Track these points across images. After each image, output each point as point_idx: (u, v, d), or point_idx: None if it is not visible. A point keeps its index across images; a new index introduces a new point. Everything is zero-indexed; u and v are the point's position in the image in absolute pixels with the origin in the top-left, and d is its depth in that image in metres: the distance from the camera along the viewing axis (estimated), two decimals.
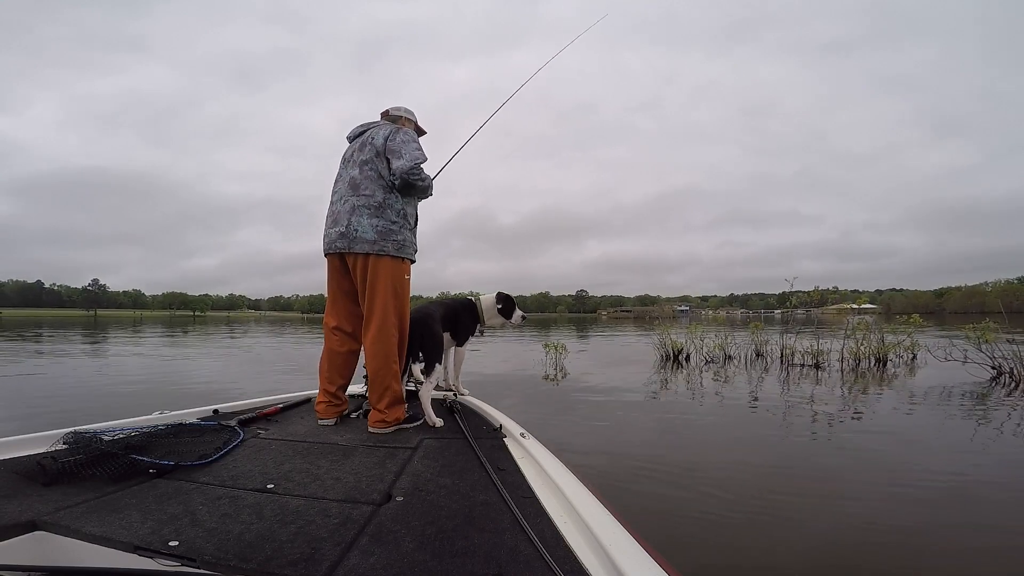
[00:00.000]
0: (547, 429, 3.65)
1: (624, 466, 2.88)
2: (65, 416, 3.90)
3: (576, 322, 50.00)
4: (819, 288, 8.93)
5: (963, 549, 1.92)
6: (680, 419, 4.14)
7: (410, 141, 2.16)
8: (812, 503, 2.35)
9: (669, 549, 1.80)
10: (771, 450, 3.28)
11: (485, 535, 1.09)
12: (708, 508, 2.27)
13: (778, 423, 3.97)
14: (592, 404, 4.84)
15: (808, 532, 2.06)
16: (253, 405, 2.32)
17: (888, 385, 5.95)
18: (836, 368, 7.23)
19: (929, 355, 7.18)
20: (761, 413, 4.36)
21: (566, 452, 2.66)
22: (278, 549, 1.00)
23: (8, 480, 1.32)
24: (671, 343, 8.72)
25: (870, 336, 7.83)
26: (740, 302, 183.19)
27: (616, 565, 0.91)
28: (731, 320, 11.97)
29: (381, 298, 2.05)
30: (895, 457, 3.07)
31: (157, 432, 1.68)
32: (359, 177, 2.13)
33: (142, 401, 4.84)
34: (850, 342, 7.68)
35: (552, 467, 1.45)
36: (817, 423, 3.94)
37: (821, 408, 4.46)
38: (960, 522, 2.14)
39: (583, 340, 15.00)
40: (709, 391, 5.50)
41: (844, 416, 4.18)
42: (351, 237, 2.06)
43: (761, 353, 8.58)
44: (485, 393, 2.74)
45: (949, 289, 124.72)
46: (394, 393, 2.01)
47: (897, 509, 2.27)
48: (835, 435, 3.62)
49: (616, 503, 1.24)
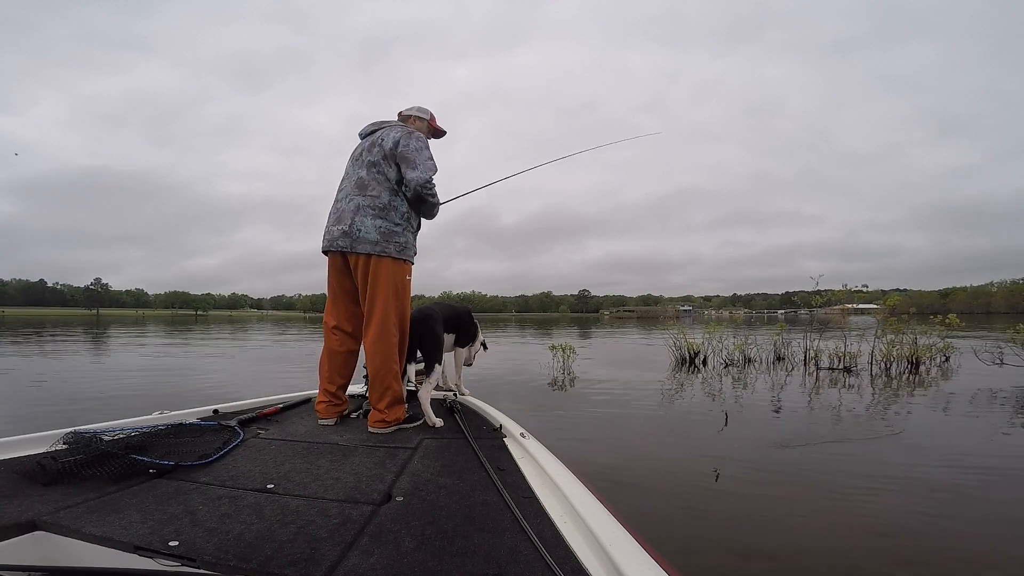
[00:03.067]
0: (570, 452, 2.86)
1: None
2: (65, 416, 3.91)
3: (579, 322, 49.81)
4: (847, 286, 8.27)
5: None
6: (734, 456, 3.12)
7: (423, 149, 2.15)
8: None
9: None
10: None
11: (485, 535, 1.09)
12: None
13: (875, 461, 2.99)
14: (610, 417, 4.24)
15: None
16: (253, 405, 2.32)
17: (941, 391, 5.39)
18: (870, 373, 6.76)
19: (963, 359, 6.85)
20: (847, 446, 3.31)
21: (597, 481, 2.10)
22: (278, 549, 1.00)
23: (8, 480, 1.32)
24: (687, 345, 8.20)
25: (902, 338, 7.34)
26: (743, 302, 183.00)
27: (616, 565, 0.91)
28: (734, 320, 11.50)
29: (382, 299, 2.05)
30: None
31: (157, 432, 1.68)
32: (366, 178, 2.14)
33: (142, 401, 4.85)
34: (880, 344, 7.26)
35: (552, 467, 1.45)
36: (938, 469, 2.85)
37: (913, 441, 3.43)
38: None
39: (588, 341, 14.80)
40: (758, 413, 4.41)
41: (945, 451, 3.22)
42: (354, 236, 2.06)
43: (782, 356, 8.12)
44: (485, 400, 2.71)
45: (954, 289, 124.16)
46: (394, 393, 2.01)
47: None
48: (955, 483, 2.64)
49: (616, 503, 1.23)
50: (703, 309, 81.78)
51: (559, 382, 6.23)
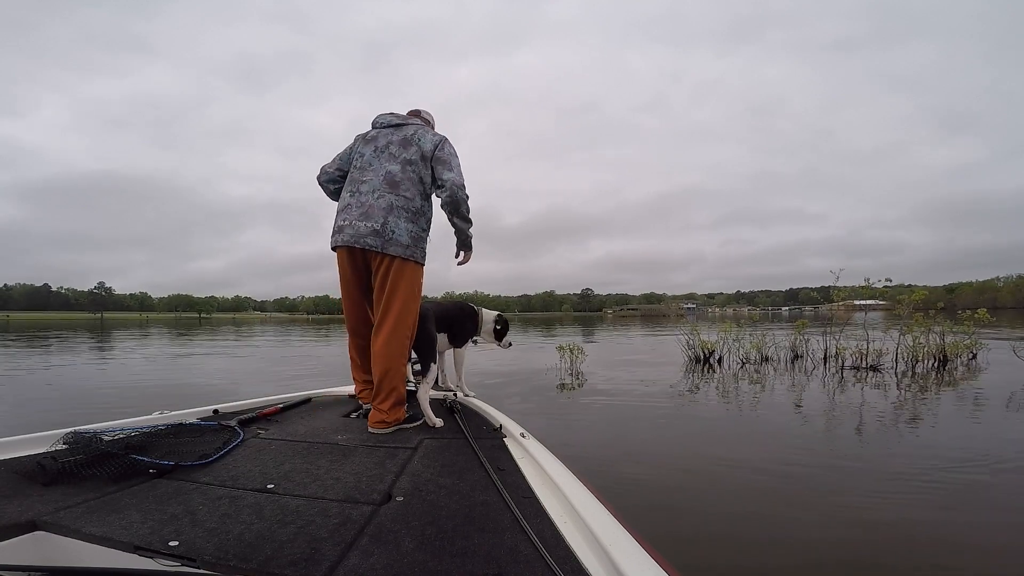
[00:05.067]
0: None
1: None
2: (69, 417, 3.93)
3: (582, 321, 49.51)
4: (868, 280, 7.81)
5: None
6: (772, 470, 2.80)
7: (456, 156, 2.17)
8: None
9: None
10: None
11: (485, 535, 1.08)
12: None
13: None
14: (629, 425, 3.94)
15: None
16: (253, 405, 2.32)
17: (992, 392, 5.02)
18: (897, 371, 6.53)
19: (992, 355, 6.65)
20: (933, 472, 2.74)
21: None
22: (278, 549, 1.00)
23: (8, 480, 1.32)
24: (701, 343, 7.96)
25: (929, 334, 7.08)
26: (747, 299, 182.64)
27: (616, 565, 0.90)
28: (751, 318, 11.15)
29: (400, 301, 2.04)
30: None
31: (157, 432, 1.68)
32: (400, 175, 2.09)
33: (142, 402, 4.88)
34: (906, 340, 7.04)
35: (552, 467, 1.44)
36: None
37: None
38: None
39: (593, 340, 14.74)
40: (801, 418, 4.07)
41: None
42: (386, 237, 2.02)
43: (800, 354, 7.93)
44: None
45: (960, 285, 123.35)
46: (399, 395, 2.01)
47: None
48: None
49: (616, 503, 1.23)
50: (707, 307, 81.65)
51: (568, 385, 5.97)
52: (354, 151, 2.26)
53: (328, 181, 2.31)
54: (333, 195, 2.31)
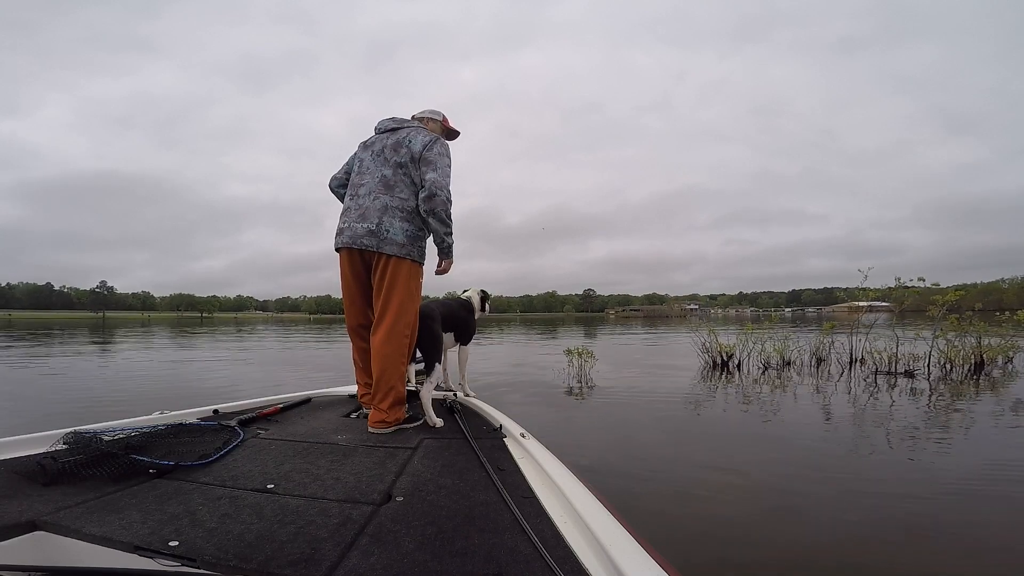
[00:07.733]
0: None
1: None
2: (72, 416, 3.94)
3: (584, 321, 49.16)
4: (899, 280, 7.44)
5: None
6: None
7: (445, 156, 2.16)
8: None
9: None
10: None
11: (485, 535, 1.08)
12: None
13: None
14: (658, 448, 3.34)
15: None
16: (253, 405, 2.33)
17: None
18: (932, 376, 6.09)
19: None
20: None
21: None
22: (278, 549, 1.00)
23: (8, 480, 1.32)
24: (719, 347, 7.46)
25: (964, 337, 6.74)
26: (749, 300, 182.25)
27: (616, 565, 0.90)
28: (772, 321, 10.54)
29: (397, 300, 2.05)
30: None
31: (157, 432, 1.68)
32: (393, 178, 2.13)
33: (142, 402, 4.87)
34: (938, 342, 6.67)
35: (552, 467, 1.44)
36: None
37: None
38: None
39: (596, 342, 14.50)
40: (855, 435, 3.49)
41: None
42: (381, 236, 2.06)
43: (823, 358, 7.49)
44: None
45: (964, 286, 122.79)
46: (397, 394, 2.01)
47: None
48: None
49: (616, 503, 1.22)
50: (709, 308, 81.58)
51: (576, 391, 5.55)
52: (356, 157, 2.32)
53: (338, 187, 2.39)
54: (342, 200, 2.36)
